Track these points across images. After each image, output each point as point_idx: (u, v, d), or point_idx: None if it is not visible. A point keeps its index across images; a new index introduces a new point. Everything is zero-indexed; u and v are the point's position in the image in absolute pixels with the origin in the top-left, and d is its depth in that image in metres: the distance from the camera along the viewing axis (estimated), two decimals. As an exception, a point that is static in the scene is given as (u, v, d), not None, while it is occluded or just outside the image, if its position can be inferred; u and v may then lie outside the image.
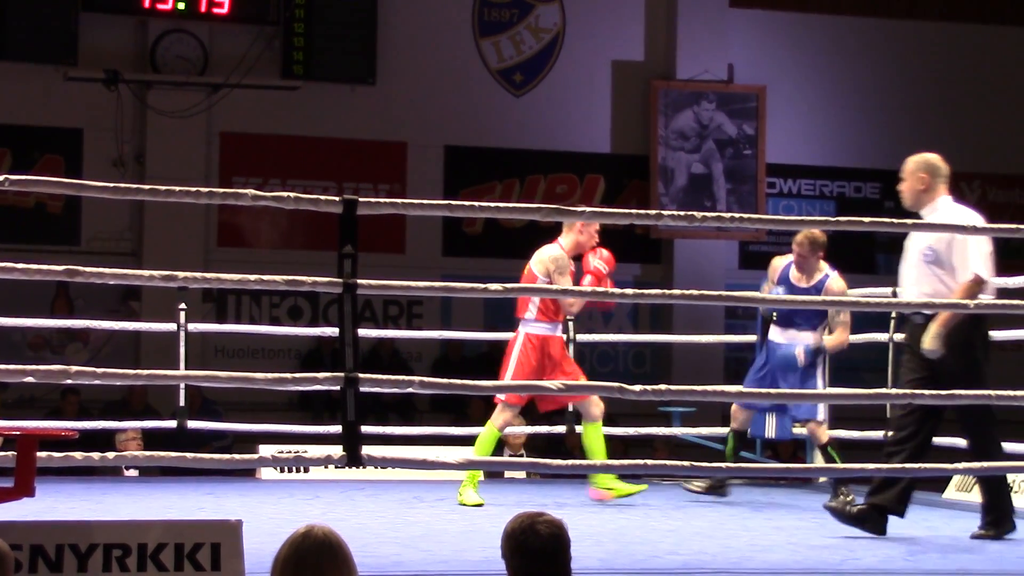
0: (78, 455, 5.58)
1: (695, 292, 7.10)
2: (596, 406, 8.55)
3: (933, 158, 7.29)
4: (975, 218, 6.99)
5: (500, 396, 8.37)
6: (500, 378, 8.35)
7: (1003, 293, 7.69)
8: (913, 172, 7.22)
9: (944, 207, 7.13)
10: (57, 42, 14.45)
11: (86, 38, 14.60)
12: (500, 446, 11.04)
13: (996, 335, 8.90)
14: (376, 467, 6.23)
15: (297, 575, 3.55)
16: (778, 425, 9.84)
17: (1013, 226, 7.13)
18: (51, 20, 14.40)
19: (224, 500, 8.42)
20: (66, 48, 14.47)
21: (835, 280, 8.75)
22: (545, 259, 8.34)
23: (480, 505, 8.20)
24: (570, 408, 9.66)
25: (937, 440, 8.86)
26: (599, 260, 8.46)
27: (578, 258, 8.54)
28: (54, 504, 7.56)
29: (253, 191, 6.04)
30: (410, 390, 6.12)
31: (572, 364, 8.59)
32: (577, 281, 8.46)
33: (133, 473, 10.41)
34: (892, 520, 8.10)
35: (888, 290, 9.31)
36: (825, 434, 8.62)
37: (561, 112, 15.89)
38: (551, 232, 8.67)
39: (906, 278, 7.19)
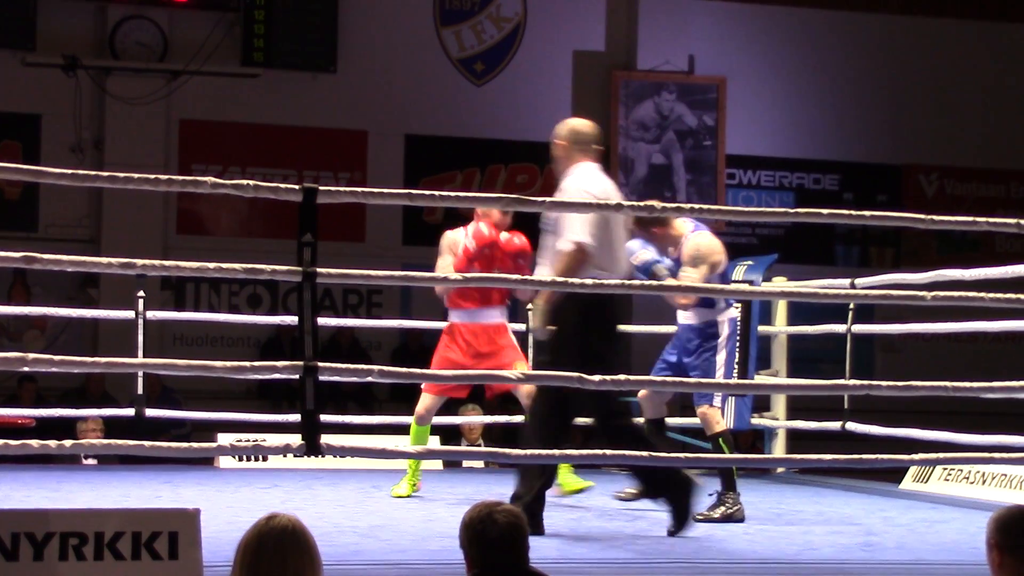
0: (35, 443, 5.54)
1: (655, 282, 7.10)
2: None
3: (575, 124, 7.09)
4: (600, 188, 6.72)
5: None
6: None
7: (960, 286, 7.73)
8: (556, 137, 7.01)
9: (576, 173, 6.88)
10: (15, 27, 14.36)
11: (44, 23, 14.51)
12: (458, 436, 11.05)
13: (956, 327, 8.96)
14: (335, 456, 6.21)
15: (260, 561, 3.55)
16: (736, 415, 9.88)
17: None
18: (9, 5, 14.31)
19: (182, 489, 8.40)
20: (24, 33, 14.38)
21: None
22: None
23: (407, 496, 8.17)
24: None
25: (892, 431, 8.95)
26: (469, 238, 8.16)
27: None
28: (10, 492, 7.52)
29: (212, 179, 6.01)
30: (369, 379, 6.11)
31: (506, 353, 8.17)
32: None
33: (92, 461, 10.36)
34: (850, 510, 8.15)
35: (846, 281, 9.35)
36: (718, 423, 7.78)
37: (522, 102, 15.89)
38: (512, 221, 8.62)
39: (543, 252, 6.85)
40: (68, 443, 5.65)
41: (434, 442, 10.08)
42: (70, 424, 10.48)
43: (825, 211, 6.67)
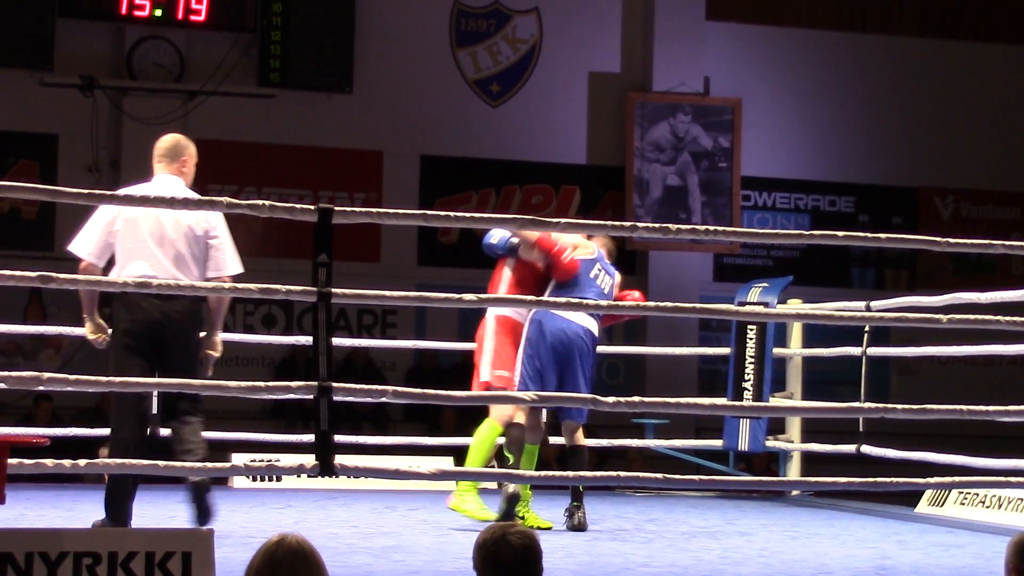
0: (49, 462, 5.55)
1: (669, 304, 7.10)
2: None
3: (159, 139, 7.27)
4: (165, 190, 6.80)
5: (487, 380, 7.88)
6: (476, 371, 7.98)
7: (976, 309, 7.71)
8: None
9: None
10: (33, 48, 14.42)
11: (62, 44, 14.57)
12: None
13: (972, 350, 8.94)
14: (349, 477, 6.22)
15: (270, 583, 3.55)
16: (751, 437, 9.86)
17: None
18: (27, 26, 14.36)
19: (196, 508, 8.38)
20: (42, 54, 14.44)
21: None
22: None
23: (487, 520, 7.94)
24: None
25: (907, 455, 8.92)
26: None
27: None
28: (24, 511, 7.53)
29: (228, 199, 6.03)
30: (384, 400, 6.11)
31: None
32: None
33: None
34: (865, 533, 8.13)
35: (861, 304, 9.33)
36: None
37: (537, 123, 15.91)
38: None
39: None
40: (83, 463, 5.66)
41: (448, 463, 10.08)
42: (85, 443, 10.47)
43: (840, 233, 6.67)
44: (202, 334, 6.95)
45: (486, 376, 7.87)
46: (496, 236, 7.94)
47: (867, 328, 9.50)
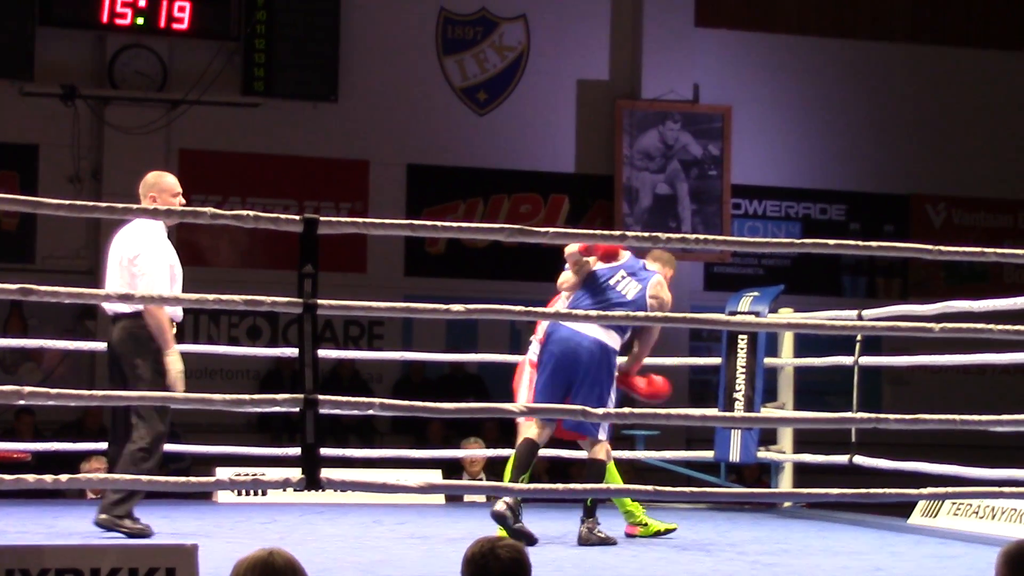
0: (31, 478, 5.46)
1: (659, 314, 7.03)
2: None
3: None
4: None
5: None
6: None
7: (969, 318, 7.65)
8: None
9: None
10: (13, 56, 14.34)
11: (43, 53, 14.49)
12: (459, 470, 10.95)
13: (965, 359, 8.88)
14: (335, 490, 6.14)
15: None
16: (743, 448, 9.79)
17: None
18: (7, 34, 14.29)
19: (180, 523, 8.30)
20: (22, 63, 14.37)
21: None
22: None
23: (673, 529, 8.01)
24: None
25: (900, 465, 8.86)
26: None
27: None
28: (5, 528, 7.45)
29: (212, 209, 5.95)
30: (370, 412, 6.03)
31: None
32: None
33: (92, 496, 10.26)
34: (858, 545, 8.06)
35: (853, 312, 9.27)
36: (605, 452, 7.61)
37: (525, 131, 15.86)
38: (514, 252, 8.55)
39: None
40: (64, 478, 5.57)
41: (435, 476, 9.99)
42: (67, 458, 10.38)
43: (832, 242, 6.60)
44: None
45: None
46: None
47: (859, 337, 9.42)
